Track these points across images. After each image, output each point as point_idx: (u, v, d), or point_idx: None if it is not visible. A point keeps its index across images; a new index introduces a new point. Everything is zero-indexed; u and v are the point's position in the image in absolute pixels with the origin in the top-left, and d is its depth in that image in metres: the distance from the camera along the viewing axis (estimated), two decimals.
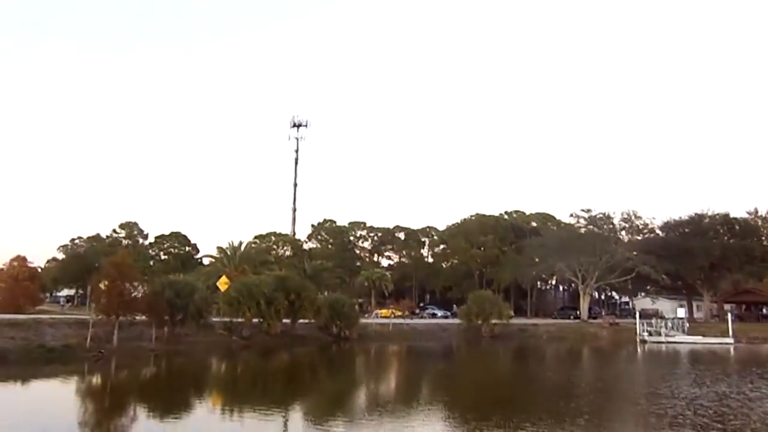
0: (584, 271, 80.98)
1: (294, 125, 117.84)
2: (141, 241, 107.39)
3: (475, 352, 55.18)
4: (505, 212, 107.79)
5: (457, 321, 69.25)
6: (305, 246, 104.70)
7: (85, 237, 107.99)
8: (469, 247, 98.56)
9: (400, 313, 75.12)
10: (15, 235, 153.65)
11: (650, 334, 64.74)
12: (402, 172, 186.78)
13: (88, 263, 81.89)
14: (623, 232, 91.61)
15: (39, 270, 71.64)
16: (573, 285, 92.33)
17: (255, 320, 48.72)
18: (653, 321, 69.24)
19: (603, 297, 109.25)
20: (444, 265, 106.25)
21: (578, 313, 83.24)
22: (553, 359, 49.27)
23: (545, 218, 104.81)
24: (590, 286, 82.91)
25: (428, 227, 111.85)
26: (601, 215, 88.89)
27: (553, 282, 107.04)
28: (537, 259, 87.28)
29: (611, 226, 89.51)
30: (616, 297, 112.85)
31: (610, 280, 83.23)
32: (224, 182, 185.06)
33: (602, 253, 78.48)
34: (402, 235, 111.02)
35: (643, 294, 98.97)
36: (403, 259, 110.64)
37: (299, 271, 73.74)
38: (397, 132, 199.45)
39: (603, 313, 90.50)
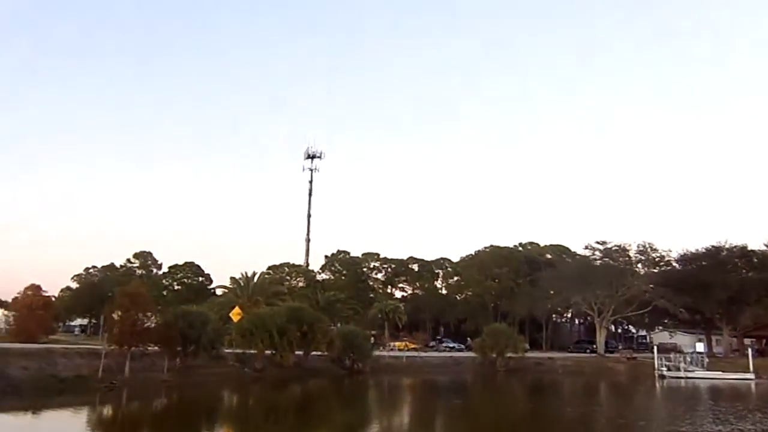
0: (600, 304, 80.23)
1: (308, 156, 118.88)
2: (155, 270, 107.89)
3: (490, 386, 54.53)
4: (520, 244, 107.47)
5: (471, 354, 68.71)
6: (318, 277, 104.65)
7: (99, 266, 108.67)
8: (484, 279, 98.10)
9: (414, 346, 74.60)
10: (29, 264, 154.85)
11: (669, 369, 63.78)
12: (415, 203, 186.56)
13: (101, 293, 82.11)
14: (639, 265, 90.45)
15: (53, 299, 71.80)
16: (589, 318, 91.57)
17: (267, 352, 48.47)
18: (672, 355, 68.24)
19: (619, 330, 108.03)
20: (458, 297, 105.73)
21: (594, 347, 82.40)
22: (570, 394, 48.55)
23: (560, 250, 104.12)
24: (606, 319, 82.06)
25: (442, 258, 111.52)
26: (616, 247, 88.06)
27: (569, 315, 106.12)
28: (552, 292, 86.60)
29: (627, 258, 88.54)
30: (633, 331, 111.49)
31: (627, 313, 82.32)
32: (238, 212, 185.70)
33: (618, 285, 77.75)
34: (416, 267, 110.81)
35: (660, 328, 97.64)
36: (416, 291, 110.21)
37: (312, 302, 73.59)
38: (410, 163, 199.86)
39: (620, 347, 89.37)
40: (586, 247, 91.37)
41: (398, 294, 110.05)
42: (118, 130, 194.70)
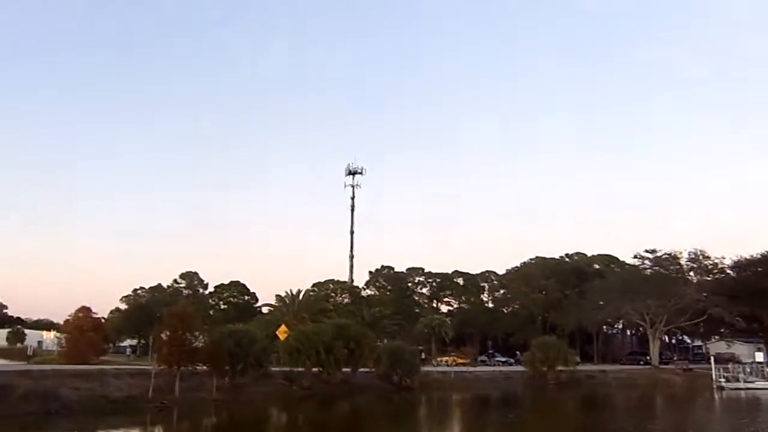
0: (652, 314, 78.59)
1: (349, 173, 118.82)
2: (201, 290, 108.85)
3: (541, 400, 53.55)
4: (566, 255, 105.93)
5: (520, 368, 67.70)
6: (363, 293, 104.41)
7: (146, 287, 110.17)
8: (530, 292, 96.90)
9: (462, 361, 73.92)
10: (80, 287, 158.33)
11: (728, 380, 61.94)
12: (459, 216, 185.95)
13: (149, 313, 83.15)
14: (691, 273, 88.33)
15: (103, 321, 72.97)
16: (641, 329, 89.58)
17: (315, 369, 48.38)
18: (730, 366, 66.22)
19: (674, 341, 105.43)
20: (505, 311, 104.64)
21: (648, 358, 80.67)
22: (625, 408, 47.37)
23: (608, 260, 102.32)
24: (659, 329, 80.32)
25: (487, 272, 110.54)
26: (666, 256, 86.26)
27: (620, 326, 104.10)
28: (602, 303, 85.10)
29: (678, 266, 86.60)
30: (688, 341, 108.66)
31: (681, 323, 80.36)
32: (282, 231, 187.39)
33: (670, 295, 76.07)
34: (461, 281, 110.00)
35: (716, 337, 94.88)
36: (462, 305, 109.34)
37: (358, 318, 73.42)
38: (452, 176, 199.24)
39: (675, 358, 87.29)
40: (635, 256, 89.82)
41: (444, 308, 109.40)
42: (170, 154, 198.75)
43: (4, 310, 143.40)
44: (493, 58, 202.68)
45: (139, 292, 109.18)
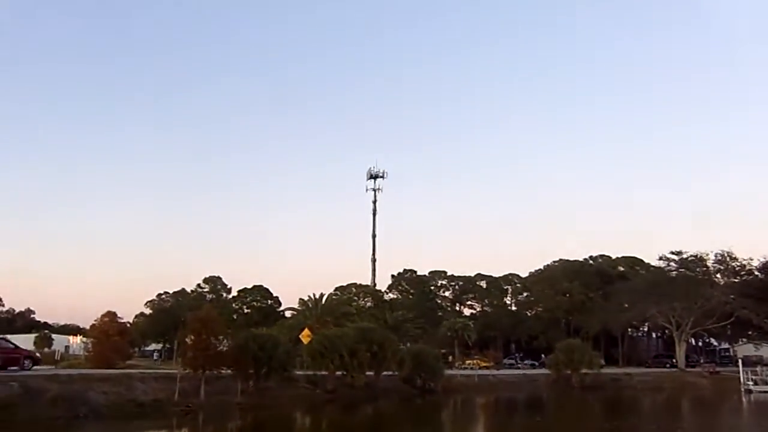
0: (678, 316, 77.88)
1: (371, 176, 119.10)
2: (224, 295, 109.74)
3: (566, 404, 53.16)
4: (590, 257, 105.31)
5: (544, 371, 67.40)
6: (386, 297, 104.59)
7: (171, 292, 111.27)
8: (554, 294, 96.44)
9: (485, 364, 73.78)
10: (105, 292, 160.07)
11: (756, 383, 61.00)
12: (480, 219, 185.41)
13: (174, 317, 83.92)
14: (718, 275, 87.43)
15: (128, 325, 73.60)
16: (667, 332, 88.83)
17: (338, 373, 48.51)
18: (758, 369, 65.34)
19: (700, 344, 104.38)
20: (528, 313, 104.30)
21: (674, 361, 79.91)
22: (651, 411, 46.85)
23: (632, 262, 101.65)
24: (686, 332, 79.53)
25: (510, 274, 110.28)
26: (692, 257, 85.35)
27: (645, 329, 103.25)
28: (626, 305, 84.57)
29: (705, 268, 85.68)
30: (715, 343, 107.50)
31: (707, 325, 79.59)
32: (304, 235, 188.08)
33: (697, 297, 75.28)
34: (483, 284, 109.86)
35: (744, 340, 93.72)
36: (485, 308, 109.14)
37: (380, 322, 73.52)
38: (473, 178, 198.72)
39: (701, 361, 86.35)
40: (661, 258, 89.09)
41: (467, 312, 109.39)
42: (191, 156, 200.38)
43: (32, 315, 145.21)
44: (512, 60, 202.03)
45: (163, 296, 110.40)
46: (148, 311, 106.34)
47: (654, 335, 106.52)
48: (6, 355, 38.43)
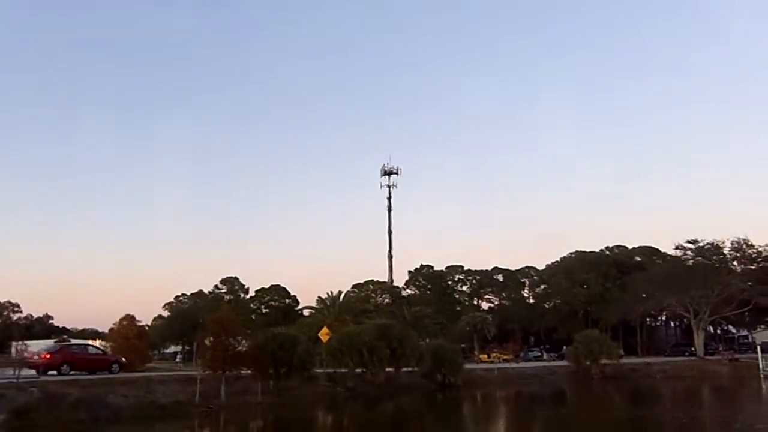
0: (696, 305, 76.89)
1: (385, 173, 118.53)
2: (242, 295, 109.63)
3: (587, 394, 52.54)
4: (606, 248, 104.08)
5: (564, 363, 66.79)
6: (403, 293, 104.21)
7: (188, 294, 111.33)
8: (572, 286, 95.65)
9: (506, 357, 73.40)
10: (123, 295, 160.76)
11: None
12: (497, 213, 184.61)
13: (192, 319, 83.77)
14: (735, 262, 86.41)
15: (146, 328, 73.57)
16: (685, 320, 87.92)
17: (358, 370, 48.02)
18: None
19: (719, 331, 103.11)
20: (546, 306, 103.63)
21: (693, 349, 79.02)
22: (673, 399, 46.23)
23: (649, 252, 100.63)
24: (704, 320, 78.52)
25: (527, 267, 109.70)
26: (709, 246, 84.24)
27: (663, 318, 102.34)
28: (644, 295, 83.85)
29: (721, 256, 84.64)
30: (734, 331, 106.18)
31: (725, 313, 78.43)
32: (320, 233, 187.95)
33: (714, 285, 74.29)
34: (501, 277, 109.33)
35: (762, 326, 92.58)
36: (503, 302, 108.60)
37: (399, 318, 73.08)
38: (486, 172, 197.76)
39: (720, 349, 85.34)
40: (677, 247, 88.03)
41: (485, 306, 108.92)
42: (205, 157, 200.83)
43: (50, 321, 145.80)
44: (531, 52, 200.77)
45: (180, 298, 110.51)
46: (166, 313, 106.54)
47: (672, 324, 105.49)
48: (96, 360, 42.11)
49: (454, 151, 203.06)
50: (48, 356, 39.91)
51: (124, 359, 45.38)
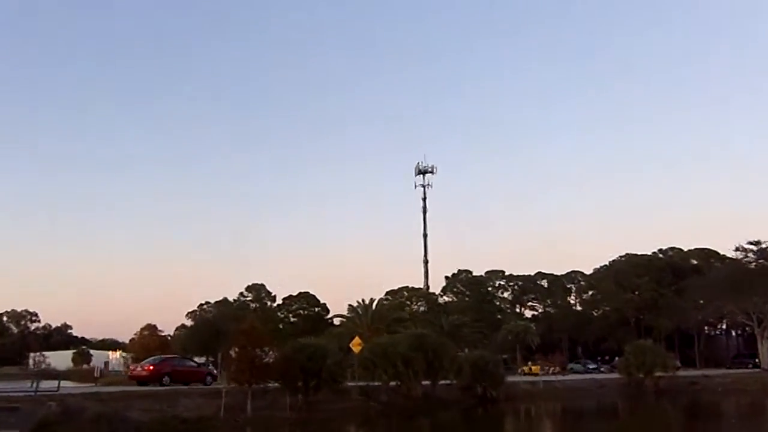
0: (759, 312, 75.48)
1: (419, 172, 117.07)
2: (269, 303, 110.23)
3: (641, 411, 51.71)
4: (659, 250, 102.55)
5: (614, 375, 65.95)
6: (440, 300, 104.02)
7: (212, 302, 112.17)
8: (622, 292, 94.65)
9: (553, 369, 72.92)
10: (144, 304, 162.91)
11: None
12: (538, 213, 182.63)
13: (216, 329, 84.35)
14: None
15: (169, 338, 74.43)
16: (747, 329, 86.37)
17: (392, 383, 47.92)
18: None
19: None
20: (594, 313, 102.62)
21: (757, 360, 77.49)
22: (736, 416, 45.40)
23: (707, 254, 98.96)
24: None
25: (573, 272, 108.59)
26: None
27: (723, 326, 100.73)
28: (702, 302, 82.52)
29: None
30: None
31: None
32: (351, 237, 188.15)
33: None
34: (545, 283, 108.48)
35: None
36: (548, 309, 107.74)
37: (436, 327, 72.77)
38: (528, 171, 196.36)
39: None
40: (738, 249, 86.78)
41: (528, 313, 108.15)
42: (227, 162, 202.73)
43: (69, 330, 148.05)
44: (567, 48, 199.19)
45: (204, 307, 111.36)
46: (189, 323, 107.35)
47: (733, 333, 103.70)
48: (193, 372, 46.04)
49: (493, 149, 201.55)
50: (151, 368, 43.52)
51: (215, 371, 47.05)
